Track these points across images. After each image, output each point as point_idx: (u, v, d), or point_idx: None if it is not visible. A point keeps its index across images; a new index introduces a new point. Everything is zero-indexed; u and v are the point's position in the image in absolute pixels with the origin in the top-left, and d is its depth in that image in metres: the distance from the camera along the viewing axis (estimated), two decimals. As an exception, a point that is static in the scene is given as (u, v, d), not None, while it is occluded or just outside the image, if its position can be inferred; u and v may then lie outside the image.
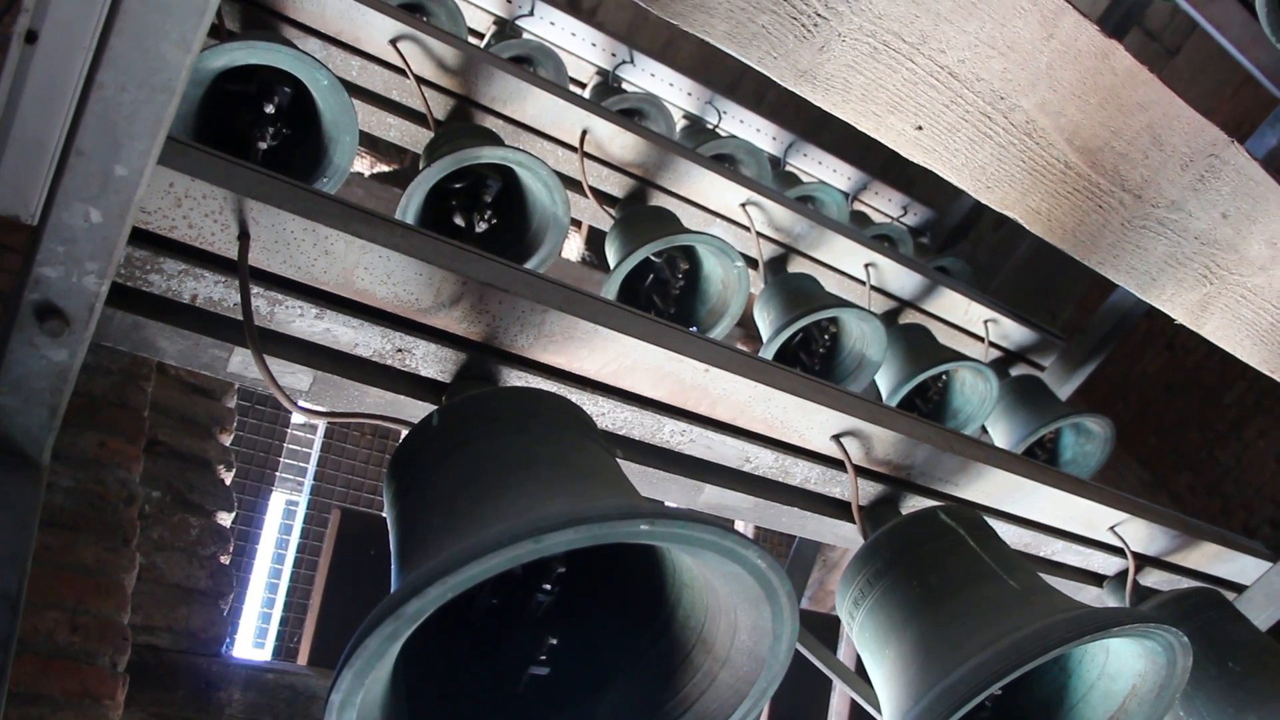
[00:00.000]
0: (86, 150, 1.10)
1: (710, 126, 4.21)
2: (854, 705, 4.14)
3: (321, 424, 3.09)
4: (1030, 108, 1.57)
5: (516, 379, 1.57)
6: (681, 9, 1.33)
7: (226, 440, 2.21)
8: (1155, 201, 1.77)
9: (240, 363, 1.45)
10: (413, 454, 1.33)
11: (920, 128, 1.55)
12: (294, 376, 1.46)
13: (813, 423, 1.87)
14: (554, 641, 1.29)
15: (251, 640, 3.89)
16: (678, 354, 1.64)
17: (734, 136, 4.06)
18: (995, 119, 1.57)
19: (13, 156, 1.12)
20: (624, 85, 4.06)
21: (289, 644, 3.48)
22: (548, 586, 1.30)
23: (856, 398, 1.93)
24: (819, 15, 1.38)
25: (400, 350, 1.50)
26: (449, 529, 1.14)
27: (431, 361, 1.52)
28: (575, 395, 1.63)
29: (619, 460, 1.71)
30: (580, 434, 1.35)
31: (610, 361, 1.62)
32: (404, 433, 1.43)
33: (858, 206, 4.69)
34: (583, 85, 4.05)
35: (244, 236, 1.32)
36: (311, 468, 3.02)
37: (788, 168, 4.45)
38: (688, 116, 4.25)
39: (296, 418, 3.07)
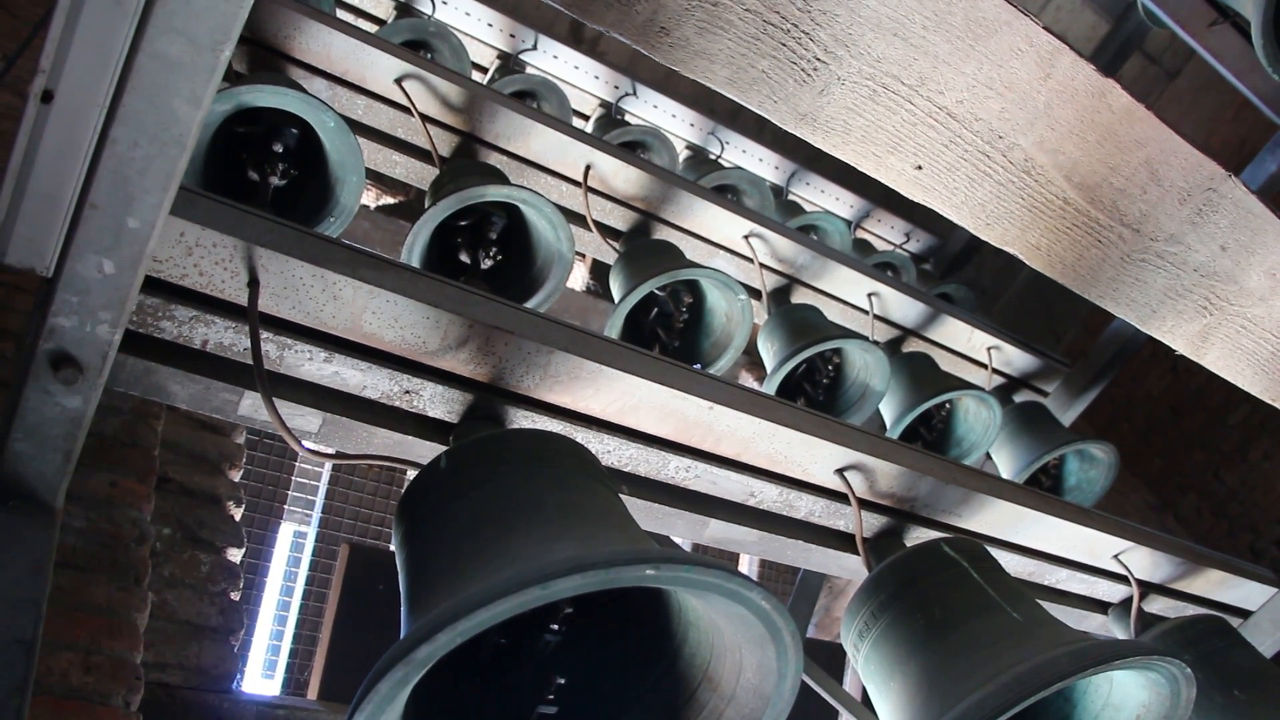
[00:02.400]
0: (100, 204, 1.13)
1: (713, 157, 4.24)
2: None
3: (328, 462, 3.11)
4: (1029, 146, 1.59)
5: (523, 418, 1.59)
6: (682, 55, 1.36)
7: (236, 476, 2.23)
8: (1154, 235, 1.79)
9: (250, 406, 1.47)
10: (421, 496, 1.34)
11: (920, 167, 1.57)
12: (303, 419, 1.48)
13: (816, 457, 1.88)
14: (561, 681, 1.31)
15: (261, 671, 3.91)
16: (682, 392, 1.65)
17: (738, 167, 4.09)
18: (994, 157, 1.59)
19: (29, 211, 1.14)
20: (627, 117, 4.09)
21: (298, 676, 3.49)
22: (555, 627, 1.31)
23: (860, 431, 1.94)
24: (819, 60, 1.40)
25: (408, 392, 1.52)
26: (457, 572, 1.16)
27: (439, 402, 1.54)
28: (581, 434, 1.64)
29: (625, 496, 1.73)
30: (586, 475, 1.36)
31: (615, 400, 1.64)
32: (410, 473, 1.45)
33: (860, 234, 4.72)
34: (586, 117, 4.09)
35: (254, 283, 1.35)
36: (320, 500, 3.04)
37: (790, 196, 4.48)
38: (690, 147, 4.28)
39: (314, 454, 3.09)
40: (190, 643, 1.82)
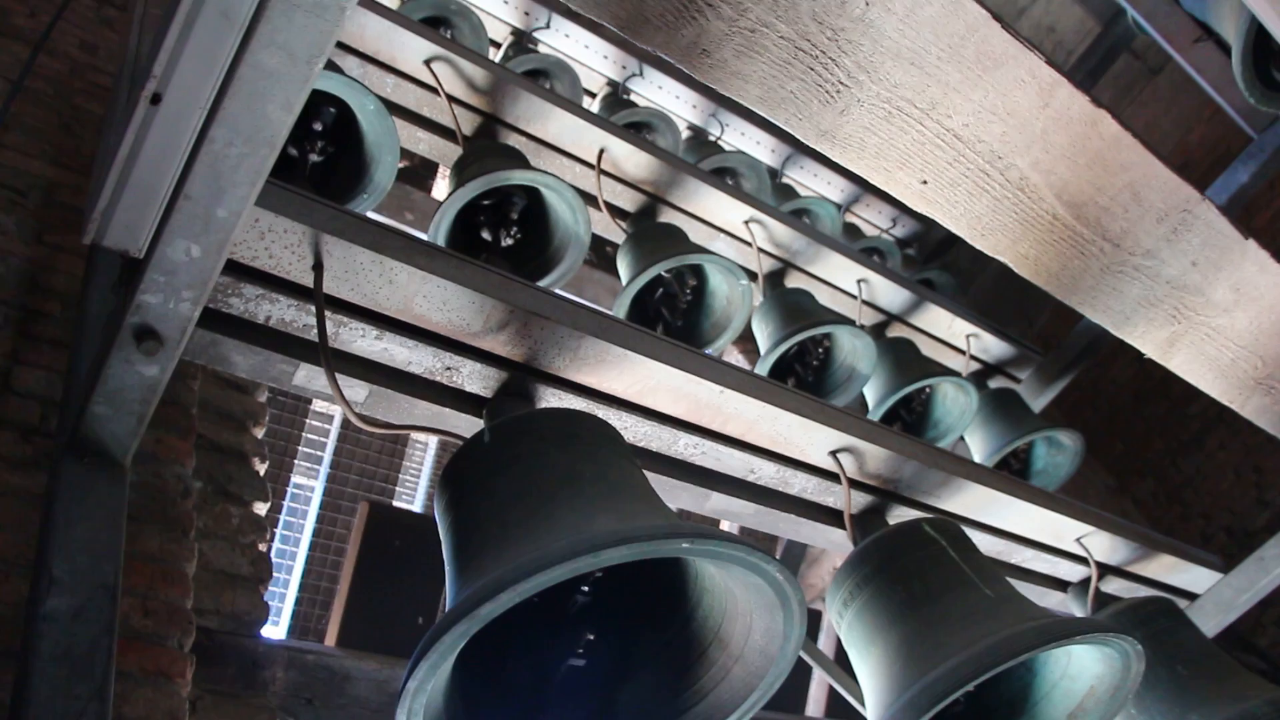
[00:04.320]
0: (194, 195, 1.24)
1: (713, 138, 4.36)
2: (831, 690, 4.33)
3: (338, 415, 3.23)
4: (1025, 166, 1.73)
5: (551, 396, 1.73)
6: (720, 75, 1.49)
7: (259, 433, 2.35)
8: (1132, 250, 1.94)
9: (305, 376, 1.59)
10: (466, 467, 1.48)
11: (925, 182, 1.71)
12: (352, 390, 1.61)
13: (813, 439, 2.03)
14: (591, 637, 1.45)
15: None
16: (697, 376, 1.79)
17: (738, 151, 4.21)
18: (993, 175, 1.73)
19: (128, 200, 1.26)
20: (632, 96, 4.20)
21: (304, 623, 3.63)
22: (585, 588, 1.46)
23: (853, 417, 2.09)
24: (842, 84, 1.53)
25: (449, 368, 1.65)
26: (506, 538, 1.30)
27: (476, 379, 1.67)
28: (603, 412, 1.78)
29: (638, 470, 1.87)
30: (615, 452, 1.50)
31: (636, 382, 1.77)
32: (429, 439, 1.58)
33: (849, 218, 4.86)
34: (593, 95, 4.19)
35: (318, 266, 1.47)
36: (327, 456, 3.16)
37: (784, 179, 4.61)
38: (692, 128, 4.40)
39: (318, 406, 3.21)
40: (225, 590, 1.95)
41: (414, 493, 3.51)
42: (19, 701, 1.21)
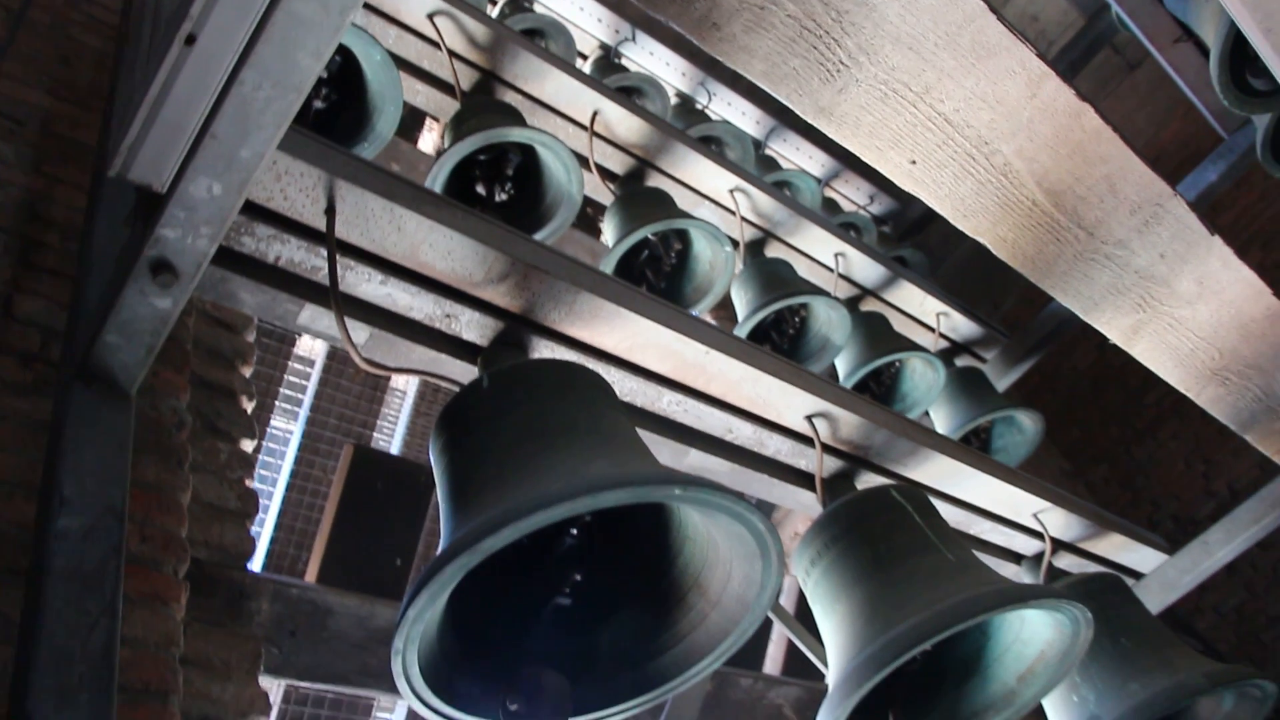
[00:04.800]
0: (220, 134, 1.29)
1: (700, 107, 4.41)
2: (788, 651, 4.47)
3: (320, 358, 3.27)
4: (1009, 153, 1.81)
5: (544, 348, 1.79)
6: (728, 49, 1.55)
7: (247, 372, 2.39)
8: (1105, 239, 2.03)
9: (309, 316, 1.64)
10: (464, 411, 1.54)
11: (914, 162, 1.79)
12: (354, 332, 1.66)
13: (790, 403, 2.11)
14: (578, 578, 1.53)
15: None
16: (685, 336, 1.86)
17: (725, 121, 4.27)
18: (978, 160, 1.81)
19: (156, 135, 1.29)
20: (624, 60, 4.23)
21: (279, 562, 3.69)
22: (574, 531, 1.53)
23: (830, 384, 2.17)
24: (842, 64, 1.60)
25: (448, 316, 1.70)
26: (504, 480, 1.36)
27: (474, 327, 1.73)
28: (592, 365, 1.84)
29: (622, 425, 1.94)
30: (608, 404, 1.57)
31: (626, 339, 1.84)
32: (410, 381, 1.63)
33: (828, 193, 4.94)
34: (585, 57, 4.22)
35: (330, 210, 1.52)
36: (308, 399, 3.20)
37: (768, 150, 4.68)
38: (680, 95, 4.44)
39: (300, 350, 3.26)
40: (213, 524, 2.00)
41: (391, 438, 3.57)
42: (33, 616, 1.26)
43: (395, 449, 3.61)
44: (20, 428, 1.70)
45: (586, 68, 4.16)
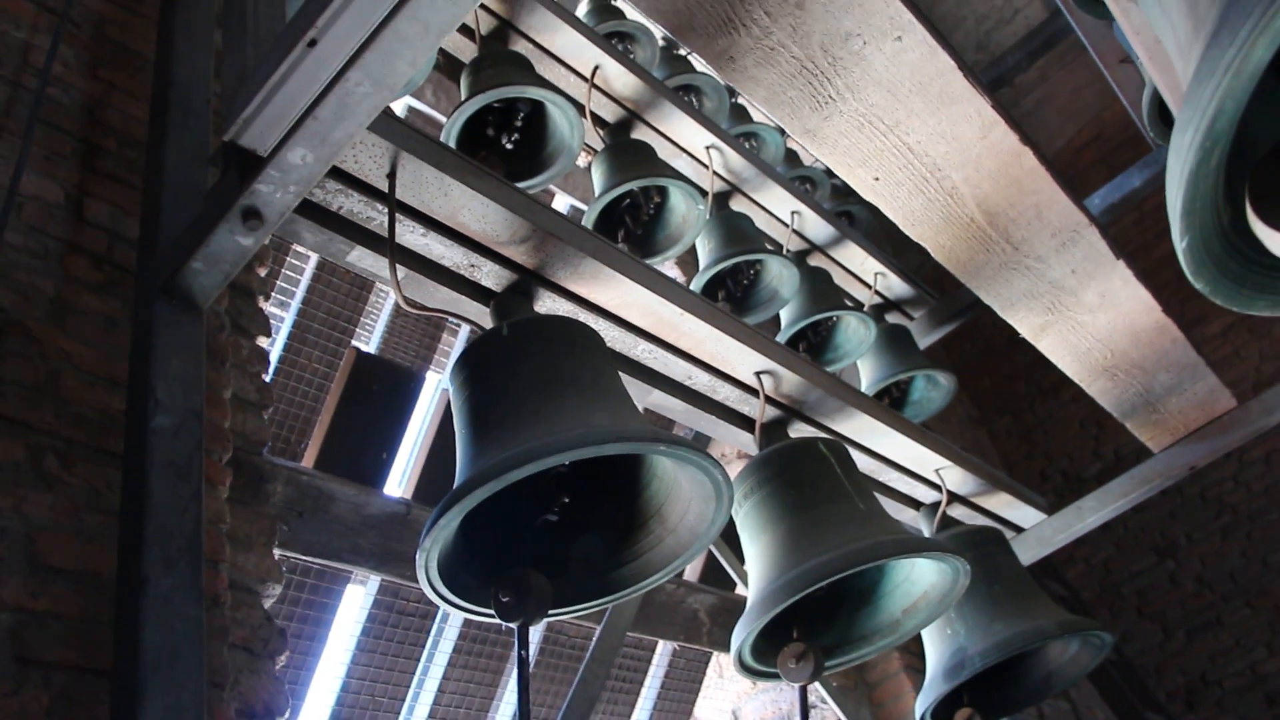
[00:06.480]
0: (321, 118, 1.56)
1: (684, 53, 4.64)
2: (708, 556, 4.86)
3: (313, 259, 3.52)
4: (958, 180, 2.14)
5: (548, 299, 2.09)
6: (739, 78, 1.84)
7: (263, 273, 2.65)
8: (1027, 253, 2.39)
9: (357, 255, 1.93)
10: (485, 353, 1.84)
11: (878, 179, 2.11)
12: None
13: (745, 360, 2.43)
14: (566, 500, 1.87)
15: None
16: (665, 300, 2.17)
17: (705, 73, 4.51)
18: (931, 182, 2.14)
19: (269, 113, 1.55)
20: (619, 2, 4.43)
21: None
22: (566, 463, 1.86)
23: (779, 347, 2.50)
24: (830, 98, 1.90)
25: (473, 266, 2.00)
26: (522, 421, 1.68)
27: (491, 277, 2.03)
28: (585, 316, 2.15)
29: (602, 367, 2.26)
30: (605, 360, 1.90)
31: (616, 297, 2.15)
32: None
33: (790, 144, 5.22)
34: (579, -2, 4.41)
35: (392, 174, 1.79)
36: (301, 291, 3.45)
37: (739, 100, 4.93)
38: (666, 39, 4.66)
39: (296, 248, 3.49)
40: (237, 413, 2.28)
41: (371, 334, 3.86)
42: (138, 499, 1.56)
43: (373, 346, 3.90)
44: (97, 323, 1.96)
45: (584, 7, 4.36)
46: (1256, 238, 1.12)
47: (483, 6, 2.76)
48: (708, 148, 3.41)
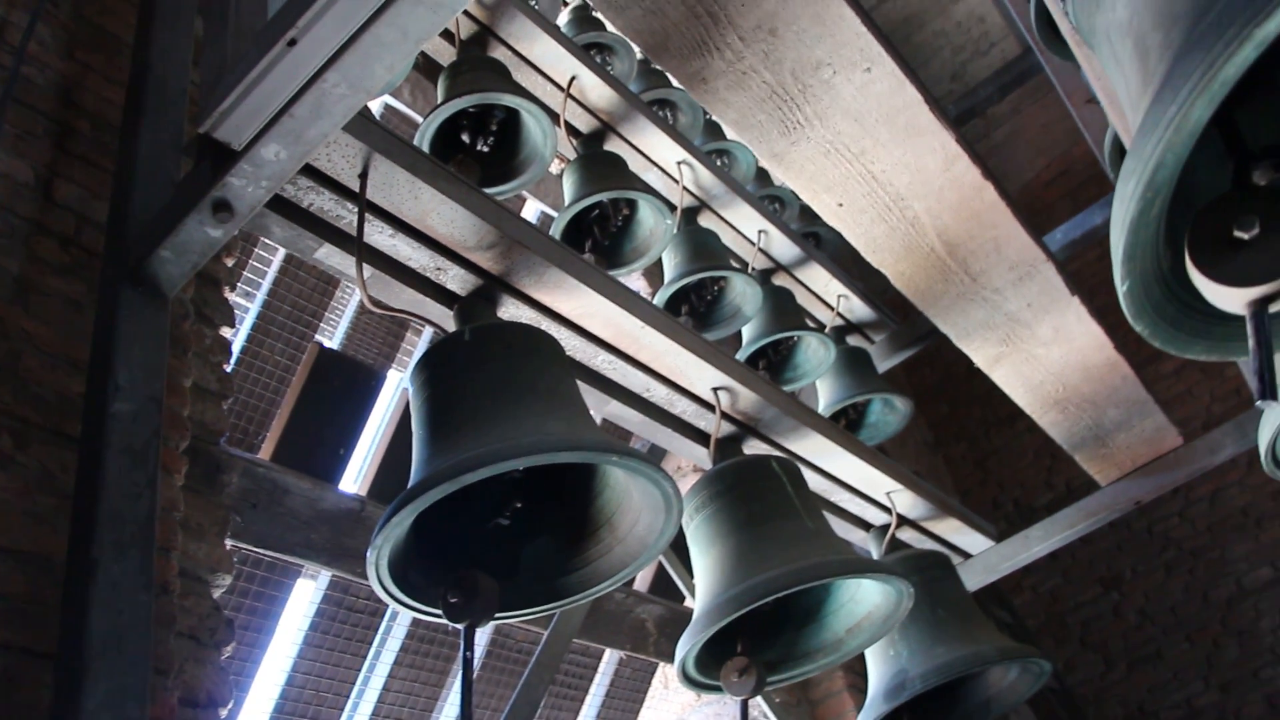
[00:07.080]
0: (297, 115, 1.58)
1: (661, 69, 4.67)
2: (658, 566, 4.90)
3: (281, 252, 3.51)
4: (920, 210, 2.19)
5: (511, 305, 2.12)
6: (710, 100, 1.88)
7: (230, 263, 2.65)
8: (985, 285, 2.45)
9: (325, 252, 1.94)
10: (448, 355, 1.86)
11: (841, 205, 2.16)
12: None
13: (702, 375, 2.47)
14: (518, 505, 1.90)
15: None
16: (627, 311, 2.20)
17: (680, 88, 4.55)
18: (894, 211, 2.19)
19: (245, 108, 1.56)
20: (600, 14, 4.46)
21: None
22: (521, 468, 1.89)
23: (738, 364, 2.54)
24: (799, 124, 1.95)
25: (439, 269, 2.02)
26: (480, 425, 1.71)
27: (456, 281, 2.05)
28: (547, 325, 2.18)
29: (563, 375, 2.29)
30: (562, 370, 1.92)
31: (579, 307, 2.18)
32: (415, 336, 1.95)
33: (762, 162, 5.28)
34: (565, 3, 4.43)
35: (364, 175, 1.81)
36: (267, 284, 3.45)
37: (712, 116, 4.98)
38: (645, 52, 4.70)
39: (265, 240, 3.49)
40: (196, 402, 2.28)
41: (335, 330, 3.86)
42: (92, 483, 1.57)
43: (337, 342, 3.90)
44: (61, 305, 1.96)
45: (564, 17, 4.39)
46: (1194, 285, 1.17)
47: (464, 12, 2.78)
48: (679, 163, 3.45)
